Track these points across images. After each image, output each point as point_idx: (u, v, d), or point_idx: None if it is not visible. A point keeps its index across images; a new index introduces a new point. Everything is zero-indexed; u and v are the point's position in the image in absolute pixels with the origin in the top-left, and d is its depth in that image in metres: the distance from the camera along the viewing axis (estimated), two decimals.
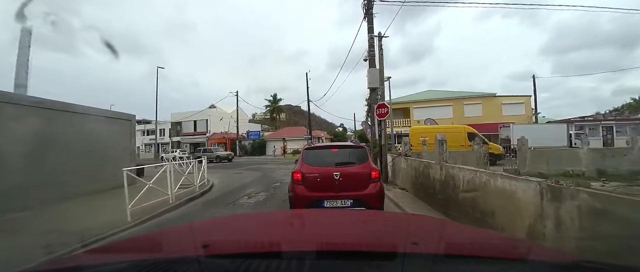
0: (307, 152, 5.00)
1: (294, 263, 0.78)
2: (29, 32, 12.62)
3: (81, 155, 8.10)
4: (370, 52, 11.06)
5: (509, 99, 28.90)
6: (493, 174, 3.76)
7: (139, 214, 5.82)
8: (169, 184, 6.97)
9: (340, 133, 56.52)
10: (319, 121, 67.39)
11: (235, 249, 0.96)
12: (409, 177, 7.14)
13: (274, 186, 9.71)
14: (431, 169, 5.73)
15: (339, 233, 1.24)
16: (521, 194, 3.31)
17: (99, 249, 1.67)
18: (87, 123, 8.57)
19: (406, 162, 7.42)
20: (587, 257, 0.88)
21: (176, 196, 7.28)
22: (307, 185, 4.44)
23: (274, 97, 52.80)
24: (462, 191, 4.49)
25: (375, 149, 10.83)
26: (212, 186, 9.77)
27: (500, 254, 0.97)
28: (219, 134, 40.39)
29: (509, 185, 3.49)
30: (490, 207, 3.81)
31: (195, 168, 8.68)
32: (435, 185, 5.53)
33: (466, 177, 4.38)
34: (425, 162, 6.10)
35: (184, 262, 0.82)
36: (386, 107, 8.91)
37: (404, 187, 7.56)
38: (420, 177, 6.30)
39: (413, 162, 6.90)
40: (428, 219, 2.25)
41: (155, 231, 3.10)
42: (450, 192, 4.86)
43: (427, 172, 5.92)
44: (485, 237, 1.33)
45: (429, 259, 0.81)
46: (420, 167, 6.32)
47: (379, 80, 10.10)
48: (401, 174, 8.00)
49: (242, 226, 1.45)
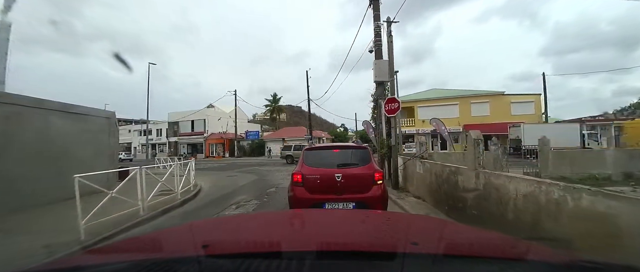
0: (308, 153, 4.75)
1: (294, 263, 0.77)
2: (8, 25, 11.56)
3: (43, 158, 6.96)
4: (376, 43, 9.91)
5: (518, 98, 27.71)
6: (572, 189, 2.60)
7: (98, 230, 4.70)
8: (139, 191, 5.83)
9: (342, 133, 55.29)
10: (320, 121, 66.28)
11: (236, 249, 0.96)
12: (427, 184, 5.98)
13: (269, 193, 8.55)
14: (461, 176, 4.57)
15: (339, 233, 1.24)
16: (626, 220, 2.19)
17: (99, 249, 1.65)
18: (53, 121, 7.45)
19: (423, 166, 6.26)
20: (586, 257, 0.86)
21: (150, 206, 6.14)
22: (308, 187, 4.23)
23: (274, 97, 51.63)
24: (514, 208, 3.34)
25: (382, 150, 9.66)
26: (198, 192, 8.62)
27: (500, 254, 0.96)
28: (217, 134, 39.28)
29: (603, 205, 2.34)
30: (564, 234, 2.66)
31: (177, 171, 7.50)
32: (466, 196, 4.38)
33: (521, 190, 3.22)
34: (452, 167, 4.93)
35: (184, 262, 0.82)
36: (397, 101, 7.75)
37: (420, 196, 6.40)
38: (444, 184, 5.14)
39: (433, 166, 5.73)
40: (428, 219, 2.26)
41: (155, 231, 2.94)
42: (492, 208, 3.70)
43: (454, 180, 4.76)
44: (485, 237, 1.29)
45: (428, 259, 0.81)
46: (444, 173, 5.17)
47: (387, 73, 8.95)
48: (415, 180, 6.84)
49: (242, 226, 1.45)
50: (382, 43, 8.46)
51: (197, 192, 8.48)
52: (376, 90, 9.93)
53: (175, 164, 7.38)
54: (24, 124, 6.80)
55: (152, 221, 5.67)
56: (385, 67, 9.16)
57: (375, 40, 9.95)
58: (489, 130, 26.73)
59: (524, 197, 3.21)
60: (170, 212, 6.45)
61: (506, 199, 3.46)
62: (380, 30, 9.89)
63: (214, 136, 39.46)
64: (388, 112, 7.82)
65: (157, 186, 6.68)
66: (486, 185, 3.84)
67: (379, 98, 9.73)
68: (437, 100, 28.86)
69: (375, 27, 9.66)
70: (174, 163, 7.50)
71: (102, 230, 4.75)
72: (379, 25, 9.72)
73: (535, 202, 3.07)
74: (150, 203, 6.30)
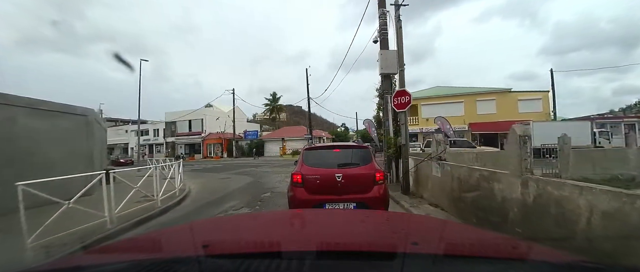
0: (308, 152, 4.70)
1: (294, 263, 0.77)
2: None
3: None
4: (382, 31, 8.96)
5: (526, 95, 26.73)
6: None
7: (48, 249, 3.81)
8: (105, 201, 4.92)
9: (342, 133, 54.26)
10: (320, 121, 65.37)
11: (235, 249, 0.95)
12: (447, 191, 5.05)
13: (263, 198, 7.63)
14: (498, 183, 3.65)
15: (339, 233, 1.23)
16: None
17: (99, 249, 1.59)
18: (16, 118, 6.55)
19: (441, 169, 5.32)
20: (587, 258, 0.87)
21: (121, 217, 5.24)
22: (308, 187, 4.16)
23: (274, 96, 50.69)
24: (586, 230, 2.41)
25: (389, 151, 8.73)
26: (184, 198, 7.70)
27: (500, 254, 0.95)
28: (215, 134, 38.37)
29: None
30: None
31: (157, 176, 6.57)
32: (506, 209, 3.45)
33: (600, 205, 2.30)
34: (484, 172, 4.00)
35: (184, 262, 0.82)
36: (408, 94, 6.80)
37: (438, 204, 5.47)
38: (472, 192, 4.21)
39: (456, 169, 4.79)
40: (428, 219, 2.24)
41: (155, 231, 2.82)
42: (549, 228, 2.77)
43: (488, 187, 3.83)
44: (485, 237, 1.28)
45: (428, 259, 0.81)
46: (472, 178, 4.24)
47: (395, 64, 8.01)
48: (431, 185, 5.90)
49: (242, 226, 1.43)
50: (392, 28, 7.52)
51: (182, 198, 7.56)
52: (382, 84, 8.99)
53: (154, 166, 6.44)
54: None
55: (120, 235, 4.75)
56: (393, 57, 8.22)
57: (380, 28, 9.01)
58: (496, 128, 25.86)
59: (604, 216, 2.29)
60: (147, 223, 5.53)
61: (573, 218, 2.54)
62: (386, 17, 8.96)
63: (212, 135, 38.54)
64: (397, 107, 6.89)
65: (131, 192, 5.77)
66: (540, 197, 2.91)
67: (386, 92, 8.79)
68: (442, 97, 27.85)
69: (380, 14, 8.71)
70: (152, 165, 6.56)
71: (54, 249, 3.85)
72: (385, 11, 8.79)
73: (624, 223, 2.16)
74: (121, 213, 5.41)
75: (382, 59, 8.50)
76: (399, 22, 6.97)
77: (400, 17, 7.14)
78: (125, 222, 5.19)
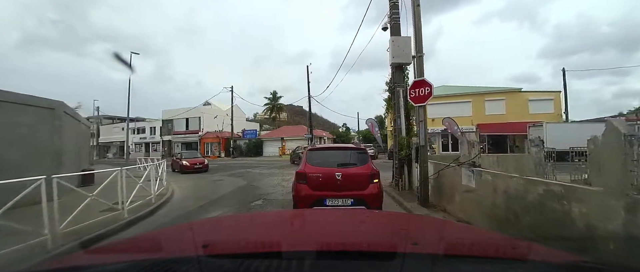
0: (311, 153, 5.06)
1: (294, 263, 0.77)
2: None
3: None
4: (393, 16, 7.86)
5: (537, 95, 25.53)
6: None
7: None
8: (44, 214, 3.80)
9: (343, 133, 53.00)
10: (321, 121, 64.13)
11: (235, 249, 0.94)
12: (487, 207, 3.90)
13: (252, 207, 6.49)
14: (578, 204, 2.52)
15: (339, 233, 1.22)
16: None
17: (99, 249, 1.47)
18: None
19: (478, 177, 4.17)
20: (587, 258, 0.85)
21: (68, 234, 4.12)
22: (310, 184, 4.50)
23: (274, 95, 49.55)
24: None
25: (402, 152, 7.59)
26: (160, 206, 6.57)
27: (500, 254, 0.94)
28: (213, 133, 37.23)
29: None
30: None
31: (122, 179, 5.42)
32: (595, 242, 2.32)
33: None
34: (553, 187, 2.85)
35: (184, 262, 0.81)
36: (428, 85, 5.65)
37: (469, 222, 4.32)
38: (530, 213, 3.07)
39: (505, 180, 3.62)
40: (428, 219, 2.23)
41: (155, 231, 2.70)
42: None
43: (558, 209, 2.69)
44: (485, 237, 1.26)
45: (428, 259, 0.80)
46: (529, 193, 3.10)
47: (409, 52, 6.87)
48: (460, 197, 4.75)
49: (242, 226, 1.42)
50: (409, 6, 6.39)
51: (158, 206, 6.43)
52: (393, 76, 7.86)
53: (118, 169, 5.29)
54: None
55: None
56: (406, 44, 7.09)
57: (391, 12, 7.89)
58: (506, 130, 24.70)
59: None
60: (103, 240, 4.41)
61: None
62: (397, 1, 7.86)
63: (210, 134, 37.41)
64: (414, 101, 5.76)
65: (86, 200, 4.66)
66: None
67: (397, 85, 7.67)
68: (448, 97, 26.59)
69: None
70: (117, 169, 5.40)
71: None
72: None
73: None
74: (73, 227, 4.31)
75: (393, 47, 7.37)
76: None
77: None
78: (75, 240, 4.09)
